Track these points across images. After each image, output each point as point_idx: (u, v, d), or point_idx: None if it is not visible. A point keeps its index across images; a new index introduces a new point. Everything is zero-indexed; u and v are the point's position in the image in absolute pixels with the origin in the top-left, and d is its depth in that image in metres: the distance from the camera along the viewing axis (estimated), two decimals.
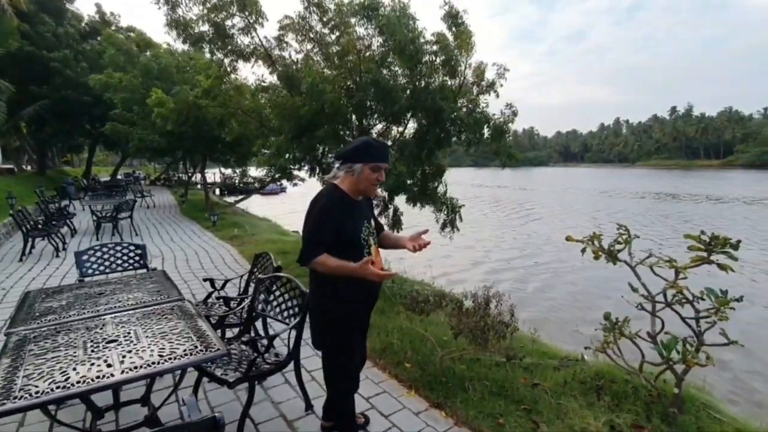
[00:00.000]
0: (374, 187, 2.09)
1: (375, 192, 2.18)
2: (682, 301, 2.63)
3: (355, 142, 2.12)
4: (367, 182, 2.04)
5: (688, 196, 33.12)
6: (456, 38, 5.01)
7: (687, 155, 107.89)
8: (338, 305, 2.07)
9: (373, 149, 2.03)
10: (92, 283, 2.97)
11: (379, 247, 2.25)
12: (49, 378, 1.63)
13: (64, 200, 13.43)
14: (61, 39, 17.66)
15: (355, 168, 2.01)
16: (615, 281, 8.95)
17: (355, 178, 2.03)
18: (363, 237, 2.07)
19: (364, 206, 2.16)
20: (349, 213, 2.03)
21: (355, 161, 2.02)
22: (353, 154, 2.03)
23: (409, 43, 4.58)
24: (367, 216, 2.17)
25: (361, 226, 2.07)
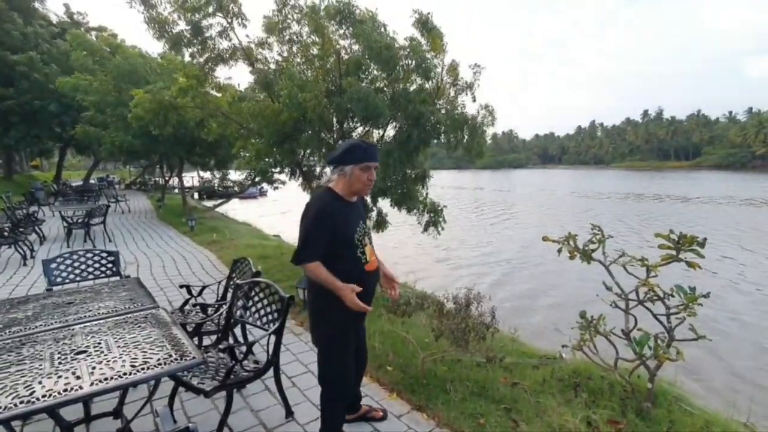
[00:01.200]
0: (367, 186, 2.15)
1: (368, 191, 2.25)
2: (654, 298, 2.71)
3: (343, 145, 2.18)
4: (359, 183, 2.11)
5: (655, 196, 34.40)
6: (428, 41, 5.05)
7: (659, 157, 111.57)
8: (330, 304, 2.08)
9: (361, 150, 2.10)
10: (61, 292, 2.87)
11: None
12: (12, 393, 1.56)
13: (32, 206, 12.94)
14: (30, 39, 17.02)
15: (346, 170, 2.09)
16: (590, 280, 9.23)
17: (348, 180, 2.10)
18: (357, 237, 2.13)
19: (359, 207, 2.24)
20: (343, 214, 2.09)
21: (345, 164, 2.09)
22: (343, 157, 2.10)
23: (384, 49, 4.59)
24: (362, 217, 2.23)
25: (356, 226, 2.14)
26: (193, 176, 29.54)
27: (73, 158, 43.26)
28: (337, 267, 2.03)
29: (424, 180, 5.94)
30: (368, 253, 2.18)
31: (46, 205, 13.92)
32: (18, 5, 17.70)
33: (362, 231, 2.17)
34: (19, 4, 17.77)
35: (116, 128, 12.12)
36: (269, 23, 5.28)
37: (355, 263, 2.11)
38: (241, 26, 5.27)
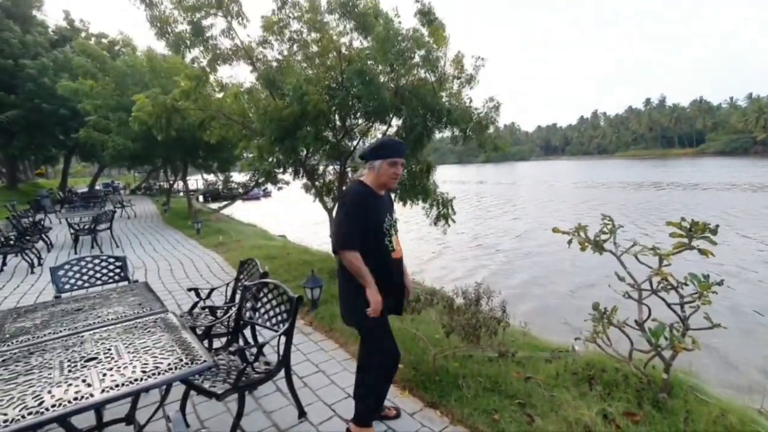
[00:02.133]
0: (394, 180, 2.32)
1: (395, 185, 2.38)
2: (668, 287, 2.67)
3: (374, 142, 2.43)
4: (386, 176, 2.28)
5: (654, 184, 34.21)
6: (431, 34, 5.00)
7: (663, 144, 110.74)
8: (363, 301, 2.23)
9: (389, 147, 2.30)
10: (69, 299, 2.86)
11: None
12: (20, 404, 1.54)
13: (38, 214, 13.02)
14: (29, 47, 17.06)
15: (375, 164, 2.28)
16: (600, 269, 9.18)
17: (376, 174, 2.29)
18: (386, 226, 2.31)
19: (385, 200, 2.41)
20: (374, 204, 2.30)
21: (374, 158, 2.28)
22: (373, 153, 2.31)
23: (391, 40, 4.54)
24: (389, 209, 2.42)
25: (384, 217, 2.32)
26: (197, 179, 29.62)
27: (78, 164, 43.51)
28: (367, 252, 2.19)
29: (429, 173, 5.90)
30: (395, 242, 2.35)
31: (53, 213, 14.01)
32: (15, 13, 17.76)
33: (390, 221, 2.35)
34: (16, 12, 17.82)
35: (117, 132, 12.12)
36: (267, 22, 5.23)
37: (383, 250, 2.28)
38: (242, 26, 5.23)
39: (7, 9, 17.38)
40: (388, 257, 2.30)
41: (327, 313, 4.26)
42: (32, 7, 19.25)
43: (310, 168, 6.42)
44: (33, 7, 19.32)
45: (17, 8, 18.04)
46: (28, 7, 18.95)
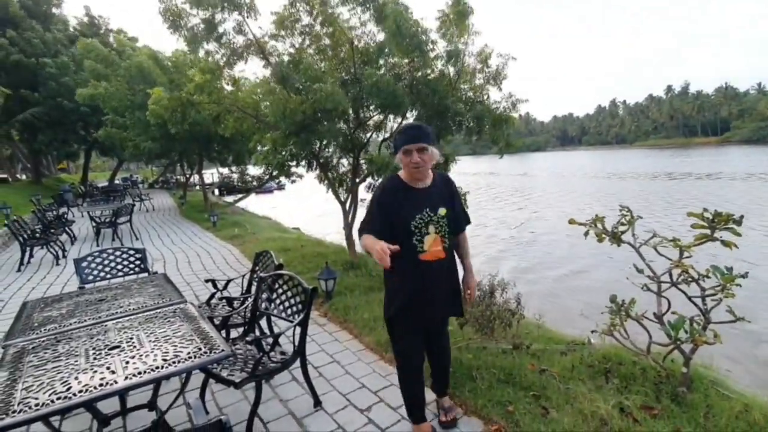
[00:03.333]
0: (412, 169, 2.06)
1: (418, 174, 2.08)
2: (688, 280, 2.61)
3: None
4: (406, 167, 2.08)
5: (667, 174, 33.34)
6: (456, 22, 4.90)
7: (685, 133, 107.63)
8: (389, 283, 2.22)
9: (401, 136, 2.08)
10: (93, 290, 2.95)
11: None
12: (50, 389, 1.61)
13: (62, 207, 13.40)
14: (49, 45, 17.44)
15: (396, 158, 2.11)
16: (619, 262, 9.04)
17: (403, 166, 2.11)
18: (415, 224, 2.06)
19: (428, 193, 2.12)
20: (399, 200, 2.08)
21: (395, 151, 2.11)
22: (394, 145, 2.14)
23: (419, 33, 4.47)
24: (431, 203, 2.10)
25: (416, 213, 2.06)
26: (213, 173, 30.03)
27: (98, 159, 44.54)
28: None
29: (447, 165, 5.85)
30: (428, 241, 2.07)
31: (75, 206, 14.41)
32: (36, 12, 18.15)
33: (426, 218, 2.07)
34: (37, 11, 18.22)
35: (135, 132, 12.35)
36: (280, 17, 5.23)
37: (407, 250, 2.01)
38: (253, 19, 5.24)
39: (28, 8, 17.78)
40: (414, 259, 2.06)
41: (341, 304, 4.30)
42: (52, 5, 19.65)
43: (324, 161, 6.44)
44: (53, 5, 19.71)
45: (38, 6, 18.44)
46: (49, 5, 19.35)
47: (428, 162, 2.07)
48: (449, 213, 2.13)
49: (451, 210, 2.14)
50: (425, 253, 2.08)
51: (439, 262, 2.12)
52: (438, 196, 2.15)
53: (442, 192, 2.17)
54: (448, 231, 2.13)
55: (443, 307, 2.25)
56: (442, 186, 2.19)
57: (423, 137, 2.04)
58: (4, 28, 15.61)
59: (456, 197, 2.24)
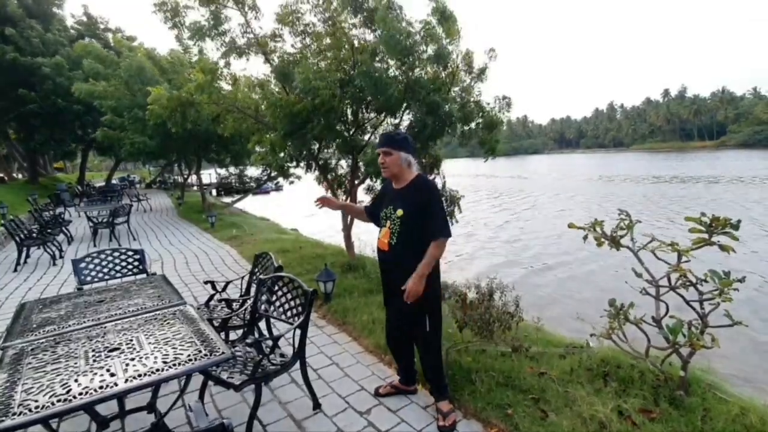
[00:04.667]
0: (383, 170, 2.47)
1: (386, 174, 2.48)
2: (686, 284, 2.62)
3: None
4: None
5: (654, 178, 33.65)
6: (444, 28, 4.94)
7: (681, 137, 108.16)
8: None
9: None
10: (91, 291, 2.94)
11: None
12: (50, 391, 1.60)
13: (58, 207, 13.33)
14: (48, 45, 17.38)
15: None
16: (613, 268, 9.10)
17: None
18: (382, 215, 2.52)
19: (399, 194, 2.45)
20: (383, 194, 2.63)
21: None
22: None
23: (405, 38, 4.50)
24: (395, 203, 2.43)
25: (385, 207, 2.51)
26: (211, 173, 29.97)
27: (95, 158, 44.36)
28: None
29: (437, 167, 5.86)
30: (381, 232, 2.50)
31: (72, 206, 14.34)
32: (36, 11, 18.07)
33: (388, 213, 2.46)
34: (37, 11, 18.14)
35: (134, 130, 12.33)
36: (282, 15, 5.23)
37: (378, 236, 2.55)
38: (256, 18, 5.24)
39: (28, 7, 17.69)
40: (378, 243, 2.53)
41: (340, 306, 4.30)
42: (53, 4, 19.56)
43: (324, 162, 6.44)
44: (53, 5, 19.62)
45: (38, 6, 18.35)
46: (49, 4, 19.26)
47: (391, 164, 2.40)
48: (404, 216, 2.36)
49: (409, 214, 2.35)
50: (379, 240, 2.52)
51: (385, 253, 2.48)
52: (404, 198, 2.40)
53: (412, 196, 2.37)
54: (398, 230, 2.38)
55: (398, 295, 2.40)
56: (414, 191, 2.38)
57: (387, 143, 2.42)
58: (2, 27, 15.51)
59: (427, 205, 2.32)
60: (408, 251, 2.36)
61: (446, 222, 2.36)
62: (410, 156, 2.41)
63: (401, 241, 2.37)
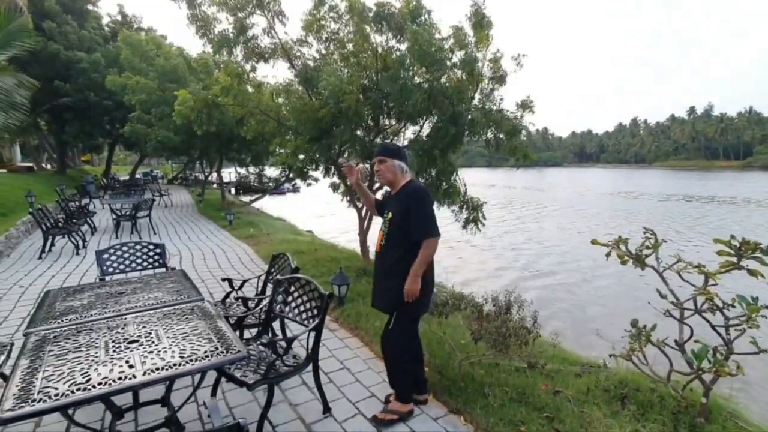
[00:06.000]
0: (379, 177, 2.68)
1: (381, 181, 2.69)
2: (713, 308, 2.54)
3: None
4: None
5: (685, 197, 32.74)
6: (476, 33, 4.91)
7: (706, 156, 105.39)
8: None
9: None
10: (113, 282, 3.00)
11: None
12: (70, 379, 1.63)
13: (84, 199, 13.70)
14: (84, 41, 18.01)
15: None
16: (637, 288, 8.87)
17: None
18: (382, 219, 2.66)
19: (393, 199, 2.63)
20: (387, 199, 2.83)
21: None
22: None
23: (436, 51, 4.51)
24: (389, 208, 2.60)
25: (384, 212, 2.66)
26: (231, 172, 30.46)
27: (120, 153, 45.59)
28: None
29: (452, 175, 5.82)
30: (378, 235, 2.64)
31: (96, 198, 14.72)
32: (72, 8, 18.75)
33: (384, 218, 2.61)
34: (73, 8, 18.82)
35: (160, 126, 12.69)
36: (307, 22, 5.32)
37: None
38: (281, 24, 5.34)
39: (65, 4, 18.38)
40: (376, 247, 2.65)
41: (353, 311, 4.29)
42: (88, 2, 20.29)
43: (342, 166, 6.49)
44: (89, 2, 20.35)
45: (74, 3, 19.05)
46: (85, 1, 19.98)
47: (385, 171, 2.58)
48: (393, 219, 2.52)
49: (396, 217, 2.49)
50: (376, 245, 2.64)
51: (378, 254, 2.61)
52: (396, 203, 2.56)
53: (401, 201, 2.52)
54: (387, 233, 2.54)
55: (379, 294, 2.60)
56: (404, 196, 2.53)
57: (381, 152, 2.63)
58: (41, 21, 16.13)
59: (412, 210, 2.44)
60: (393, 253, 2.50)
61: (433, 223, 2.43)
62: (403, 164, 2.59)
63: (388, 243, 2.53)
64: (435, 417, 2.63)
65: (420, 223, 2.40)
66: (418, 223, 2.40)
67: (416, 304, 2.44)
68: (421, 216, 2.41)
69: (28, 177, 17.28)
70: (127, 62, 13.58)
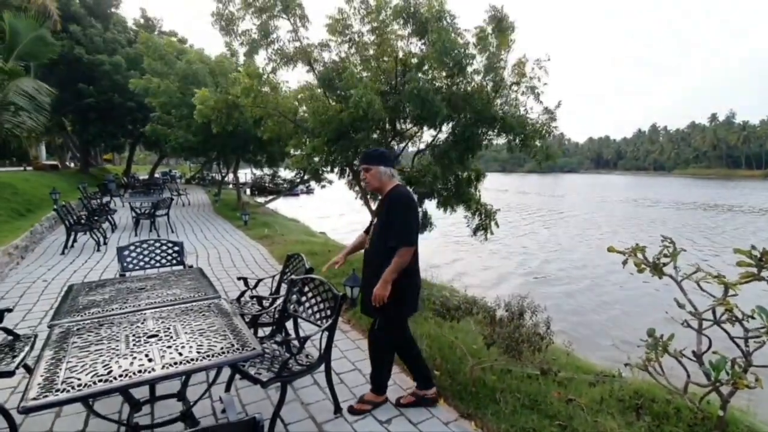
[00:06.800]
0: (365, 185, 2.85)
1: (369, 188, 2.71)
2: (732, 319, 2.49)
3: None
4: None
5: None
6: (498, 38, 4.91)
7: (728, 164, 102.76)
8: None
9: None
10: (133, 278, 3.08)
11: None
12: (92, 371, 1.68)
13: (105, 197, 14.06)
14: (108, 43, 18.54)
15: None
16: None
17: None
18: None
19: (380, 205, 2.69)
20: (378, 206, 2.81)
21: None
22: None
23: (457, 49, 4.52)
24: (378, 213, 2.66)
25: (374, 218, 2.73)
26: (246, 173, 30.88)
27: (141, 153, 46.60)
28: None
29: (478, 181, 5.82)
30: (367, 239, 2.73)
31: (117, 196, 15.09)
32: (97, 12, 19.33)
33: (373, 220, 2.71)
34: (98, 11, 19.40)
35: (179, 127, 13.01)
36: (331, 24, 5.39)
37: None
38: (304, 27, 5.43)
39: (90, 8, 18.97)
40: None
41: None
42: (112, 5, 20.89)
43: (358, 169, 6.54)
44: (112, 6, 20.96)
45: (99, 7, 19.64)
46: (108, 5, 20.58)
47: (371, 179, 2.59)
48: (377, 224, 2.62)
49: (379, 222, 2.58)
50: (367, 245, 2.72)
51: (366, 251, 2.70)
52: (380, 209, 2.64)
53: (384, 206, 2.60)
54: (372, 237, 2.65)
55: (365, 298, 2.63)
56: (387, 203, 2.59)
57: (366, 160, 2.64)
58: (67, 24, 16.64)
59: (390, 215, 2.50)
60: (375, 259, 2.57)
61: (408, 231, 2.42)
62: (389, 169, 2.61)
63: (372, 249, 2.63)
64: (446, 421, 2.63)
65: (396, 231, 2.43)
66: (395, 231, 2.43)
67: (400, 308, 2.52)
68: (399, 223, 2.44)
69: (52, 175, 17.79)
70: (149, 66, 13.96)
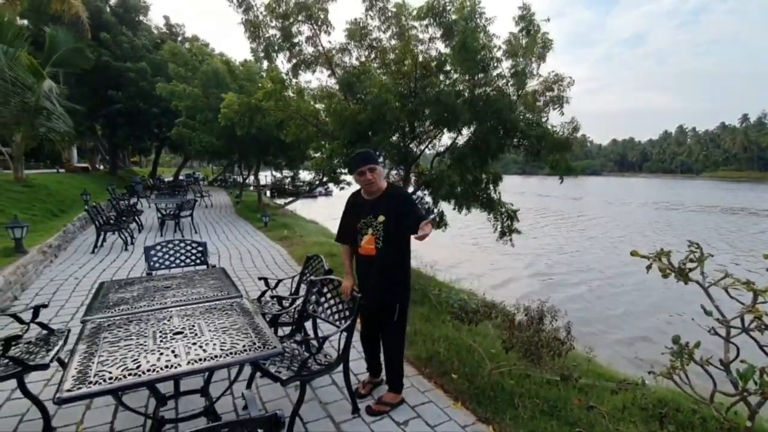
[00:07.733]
0: (366, 186, 2.66)
1: (371, 189, 2.66)
2: (761, 327, 2.40)
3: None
4: (361, 185, 2.69)
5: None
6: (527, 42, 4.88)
7: (759, 167, 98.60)
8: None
9: (351, 162, 2.70)
10: (160, 277, 3.19)
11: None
12: (122, 365, 1.76)
13: (132, 198, 14.53)
14: (137, 50, 19.22)
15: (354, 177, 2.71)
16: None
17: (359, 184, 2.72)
18: (359, 225, 2.68)
19: (375, 204, 2.67)
20: (352, 209, 2.78)
21: (351, 173, 2.75)
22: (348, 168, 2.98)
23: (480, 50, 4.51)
24: (374, 211, 2.65)
25: (361, 218, 2.68)
26: (267, 175, 31.39)
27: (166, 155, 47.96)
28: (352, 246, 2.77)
29: (496, 183, 5.77)
30: (364, 240, 2.66)
31: (144, 198, 15.58)
32: (126, 19, 20.08)
33: (367, 222, 2.65)
34: (126, 18, 20.15)
35: (203, 130, 13.40)
36: (351, 30, 5.46)
37: (355, 244, 2.72)
38: (326, 33, 5.52)
39: (120, 15, 19.72)
40: (357, 251, 2.72)
41: None
42: (139, 13, 21.66)
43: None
44: (140, 13, 21.73)
45: (127, 14, 20.40)
46: (136, 13, 21.35)
47: (376, 178, 2.61)
48: (386, 221, 2.59)
49: (390, 219, 2.58)
50: (361, 248, 2.68)
51: (371, 257, 2.64)
52: (382, 206, 2.63)
53: (387, 204, 2.62)
54: (383, 234, 2.60)
55: (375, 294, 2.63)
56: (388, 200, 2.63)
57: (371, 160, 2.63)
58: (98, 32, 17.34)
59: (405, 207, 2.58)
60: (394, 251, 2.62)
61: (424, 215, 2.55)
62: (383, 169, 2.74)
63: (387, 243, 2.60)
64: (463, 425, 2.62)
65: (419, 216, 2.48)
66: (418, 216, 2.49)
67: (408, 296, 2.72)
68: (416, 212, 2.56)
69: (83, 177, 18.48)
70: (174, 72, 14.44)
